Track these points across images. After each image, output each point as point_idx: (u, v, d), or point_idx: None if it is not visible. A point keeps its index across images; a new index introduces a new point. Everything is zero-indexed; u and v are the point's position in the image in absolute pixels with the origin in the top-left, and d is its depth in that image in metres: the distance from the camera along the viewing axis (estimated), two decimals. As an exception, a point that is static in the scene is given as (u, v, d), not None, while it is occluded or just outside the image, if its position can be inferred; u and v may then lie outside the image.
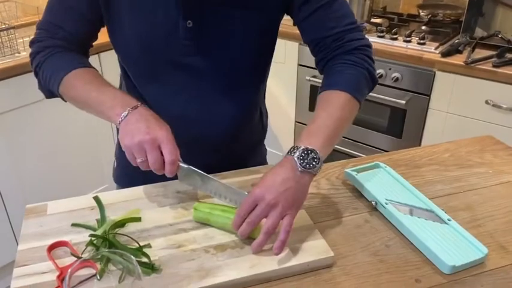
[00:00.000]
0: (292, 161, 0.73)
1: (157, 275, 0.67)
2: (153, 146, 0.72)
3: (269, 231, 0.69)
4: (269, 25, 0.90)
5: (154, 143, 0.72)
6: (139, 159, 0.73)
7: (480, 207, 0.86)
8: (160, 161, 0.73)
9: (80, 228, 0.76)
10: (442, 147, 1.08)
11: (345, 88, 0.82)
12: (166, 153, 0.72)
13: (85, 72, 0.85)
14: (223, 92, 0.91)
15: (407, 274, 0.71)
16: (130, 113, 0.75)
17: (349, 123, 0.82)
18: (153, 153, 0.72)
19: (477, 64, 1.66)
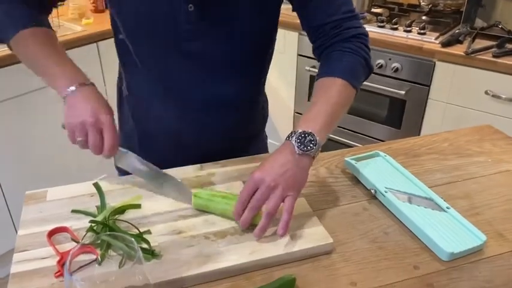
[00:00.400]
0: (290, 144, 0.74)
1: (157, 260, 0.67)
2: (95, 129, 0.74)
3: (271, 212, 0.69)
4: (271, 9, 0.89)
5: (96, 125, 0.74)
6: (80, 138, 0.74)
7: (479, 195, 0.87)
8: (99, 144, 0.75)
9: (79, 214, 0.76)
10: (441, 136, 1.08)
11: (342, 75, 0.82)
12: (107, 138, 0.74)
13: (40, 33, 0.83)
14: (224, 78, 0.90)
15: (405, 261, 0.71)
16: (78, 90, 0.76)
17: (346, 109, 0.84)
18: (94, 135, 0.74)
19: (477, 54, 1.66)
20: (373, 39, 1.89)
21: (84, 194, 0.81)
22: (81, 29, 1.88)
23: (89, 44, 1.86)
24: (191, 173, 0.88)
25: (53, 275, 0.65)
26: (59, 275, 0.65)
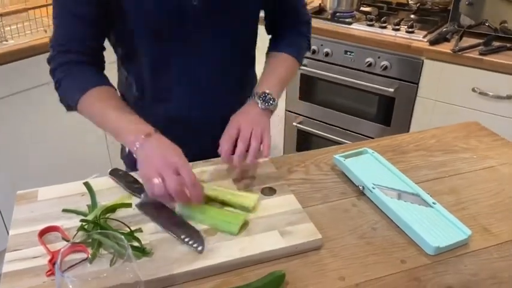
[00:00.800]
0: (254, 103, 0.93)
1: (148, 258, 0.68)
2: (171, 170, 0.72)
3: (246, 139, 0.85)
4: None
5: (171, 167, 0.72)
6: (156, 180, 0.71)
7: (464, 191, 0.89)
8: (178, 181, 0.71)
9: (71, 213, 0.77)
10: (429, 133, 1.10)
11: (292, 53, 1.05)
12: (186, 175, 0.72)
13: (101, 92, 0.87)
14: (225, 71, 0.98)
15: (393, 255, 0.73)
16: (145, 141, 0.76)
17: (293, 77, 1.08)
18: (171, 176, 0.71)
19: (464, 52, 1.68)
20: (362, 37, 1.91)
21: (75, 194, 0.82)
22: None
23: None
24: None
25: (45, 274, 0.65)
26: (50, 274, 0.65)
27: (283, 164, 0.97)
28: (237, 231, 0.73)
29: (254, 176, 0.89)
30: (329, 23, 2.03)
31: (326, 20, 2.05)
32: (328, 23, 2.03)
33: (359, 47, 1.94)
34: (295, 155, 1.01)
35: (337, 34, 1.97)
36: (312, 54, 2.06)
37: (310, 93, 2.19)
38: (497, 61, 1.66)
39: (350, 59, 1.98)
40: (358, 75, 1.98)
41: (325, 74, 2.06)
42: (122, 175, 0.85)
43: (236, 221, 0.74)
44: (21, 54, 1.72)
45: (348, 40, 1.95)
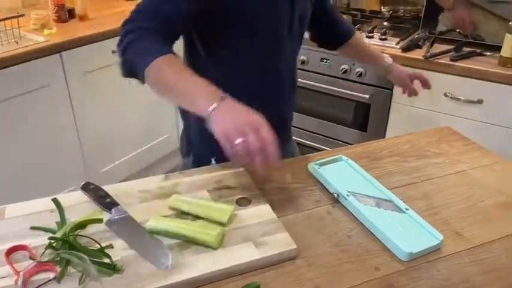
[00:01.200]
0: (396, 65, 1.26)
1: (119, 275, 0.66)
2: (254, 127, 0.73)
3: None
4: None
5: (254, 124, 0.73)
6: (240, 139, 0.72)
7: (436, 195, 0.90)
8: (262, 140, 0.72)
9: (39, 231, 0.74)
10: (403, 139, 1.12)
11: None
12: (266, 134, 0.73)
13: (175, 60, 0.87)
14: (293, 81, 1.14)
15: (367, 263, 0.73)
16: (220, 104, 0.77)
17: None
18: (254, 133, 0.72)
19: (436, 58, 1.72)
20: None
21: (44, 210, 0.79)
22: (44, 40, 1.84)
23: (52, 55, 1.82)
24: (154, 184, 0.88)
25: (11, 295, 0.63)
26: (17, 295, 0.63)
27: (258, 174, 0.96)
28: (214, 241, 0.71)
29: (229, 187, 0.88)
30: (304, 31, 2.05)
31: (301, 28, 2.07)
32: (303, 31, 2.05)
33: (334, 54, 1.96)
34: (270, 164, 1.01)
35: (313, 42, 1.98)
36: (288, 62, 2.07)
37: (288, 101, 2.19)
38: (468, 66, 1.70)
39: (326, 66, 2.00)
40: (334, 82, 2.01)
41: (302, 81, 2.07)
42: (94, 189, 0.83)
43: (213, 231, 0.73)
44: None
45: (323, 48, 1.97)
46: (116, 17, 2.14)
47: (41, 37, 1.88)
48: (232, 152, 0.74)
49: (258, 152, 0.72)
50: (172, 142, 2.53)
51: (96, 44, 1.95)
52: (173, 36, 0.94)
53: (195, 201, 0.81)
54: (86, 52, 1.93)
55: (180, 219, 0.77)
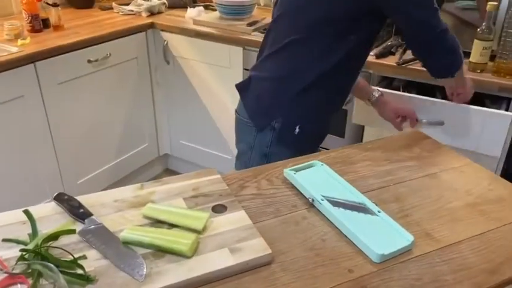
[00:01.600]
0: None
1: (92, 286, 0.66)
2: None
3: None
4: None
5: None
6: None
7: (408, 198, 0.92)
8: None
9: (11, 243, 0.73)
10: (376, 144, 1.14)
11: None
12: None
13: None
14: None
15: (341, 265, 0.74)
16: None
17: None
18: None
19: (408, 64, 1.76)
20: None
21: (16, 222, 0.78)
22: (17, 50, 1.82)
23: (26, 65, 1.80)
24: (129, 194, 0.87)
25: (-19, 310, 0.62)
26: (-13, 309, 0.62)
27: (235, 181, 0.97)
28: (188, 250, 0.72)
29: (206, 194, 0.89)
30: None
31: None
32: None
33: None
34: (246, 170, 1.02)
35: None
36: (265, 69, 2.09)
37: (266, 108, 2.21)
38: (439, 72, 1.74)
39: (302, 74, 2.02)
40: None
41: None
42: (67, 200, 0.83)
43: (187, 240, 0.73)
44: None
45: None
46: (91, 26, 2.13)
47: (15, 47, 1.85)
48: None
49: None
50: (151, 152, 2.52)
51: (71, 53, 1.93)
52: None
53: (170, 209, 0.81)
54: (61, 62, 1.91)
55: (154, 228, 0.77)
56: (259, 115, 1.26)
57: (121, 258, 0.70)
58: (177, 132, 2.57)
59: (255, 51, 2.09)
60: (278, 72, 1.23)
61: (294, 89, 1.20)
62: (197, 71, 2.32)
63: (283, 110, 1.22)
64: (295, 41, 1.18)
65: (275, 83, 1.23)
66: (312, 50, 1.18)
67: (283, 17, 1.23)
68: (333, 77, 1.20)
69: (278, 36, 1.23)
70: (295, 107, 1.21)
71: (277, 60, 1.23)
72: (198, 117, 2.45)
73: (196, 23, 2.28)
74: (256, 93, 1.27)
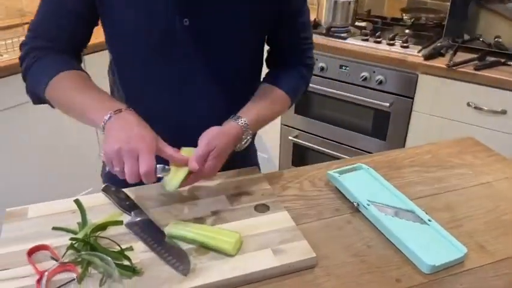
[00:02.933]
0: (239, 129, 0.84)
1: (138, 277, 0.66)
2: (131, 157, 0.70)
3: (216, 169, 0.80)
4: (263, 24, 0.92)
5: (132, 153, 0.70)
6: (117, 167, 0.71)
7: (460, 207, 0.88)
8: (136, 172, 0.70)
9: (61, 232, 0.75)
10: (424, 148, 1.10)
11: (292, 94, 0.98)
12: (142, 164, 0.69)
13: (72, 75, 0.83)
14: (216, 95, 0.92)
15: (388, 274, 0.72)
16: (114, 118, 0.74)
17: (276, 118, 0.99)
18: (130, 163, 0.69)
19: (459, 67, 1.69)
20: (357, 52, 1.92)
21: (66, 211, 0.80)
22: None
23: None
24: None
25: (32, 295, 0.64)
26: (38, 295, 0.64)
27: (277, 180, 0.96)
28: (232, 248, 0.71)
29: (248, 192, 0.88)
30: (324, 37, 2.04)
31: (321, 34, 2.07)
32: (323, 37, 2.05)
33: (354, 61, 1.95)
34: (289, 171, 1.01)
35: (332, 49, 1.98)
36: (307, 68, 2.07)
37: (306, 108, 2.19)
38: (492, 76, 1.67)
39: (345, 74, 1.99)
40: (353, 89, 1.99)
41: (321, 89, 2.06)
42: (114, 192, 0.84)
43: (230, 238, 0.72)
44: (15, 69, 1.69)
45: (343, 55, 1.96)
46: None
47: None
48: (113, 172, 0.72)
49: (131, 179, 0.70)
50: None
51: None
52: (75, 48, 0.89)
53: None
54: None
55: (198, 224, 0.77)
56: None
57: (166, 252, 0.70)
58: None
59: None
60: None
61: None
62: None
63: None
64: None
65: None
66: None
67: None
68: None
69: None
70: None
71: None
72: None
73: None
74: None
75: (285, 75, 0.99)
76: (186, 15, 0.83)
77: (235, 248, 0.72)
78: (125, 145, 0.70)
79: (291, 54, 1.00)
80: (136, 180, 0.70)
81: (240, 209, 0.83)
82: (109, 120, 0.73)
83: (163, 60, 0.87)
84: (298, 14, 0.96)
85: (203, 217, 0.81)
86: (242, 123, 0.85)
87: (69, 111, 0.83)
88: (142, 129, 0.74)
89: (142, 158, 0.70)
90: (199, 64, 0.88)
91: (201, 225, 0.77)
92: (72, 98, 0.80)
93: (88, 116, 0.77)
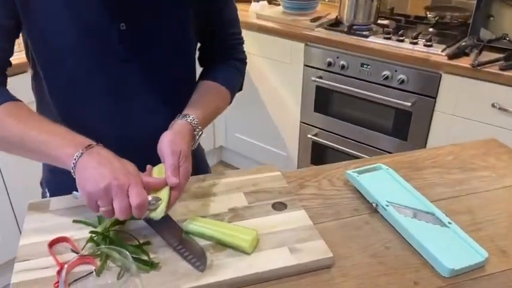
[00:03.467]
0: (190, 126, 0.82)
1: (156, 272, 0.67)
2: (122, 191, 0.65)
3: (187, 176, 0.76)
4: (197, 24, 0.91)
5: (123, 187, 0.65)
6: (105, 207, 0.66)
7: (481, 210, 0.86)
8: (128, 207, 0.66)
9: (81, 224, 0.77)
10: (446, 149, 1.08)
11: (231, 89, 0.98)
12: (135, 198, 0.65)
13: (17, 108, 0.75)
14: (154, 100, 0.89)
15: (406, 276, 0.71)
16: (87, 154, 0.68)
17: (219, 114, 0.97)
18: (121, 199, 0.65)
19: (484, 67, 1.65)
20: (379, 50, 1.89)
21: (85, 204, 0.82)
22: None
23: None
24: (192, 185, 0.88)
25: (53, 286, 0.65)
26: (58, 286, 0.65)
27: (295, 179, 0.95)
28: (249, 246, 0.71)
29: (266, 190, 0.88)
30: (345, 35, 2.02)
31: (342, 32, 2.05)
32: (344, 35, 2.03)
33: (376, 60, 1.92)
34: (307, 169, 1.00)
35: (354, 47, 1.96)
36: (327, 66, 2.05)
37: (326, 106, 2.17)
38: (518, 76, 1.62)
39: (366, 72, 1.96)
40: (374, 88, 1.97)
41: (341, 87, 2.04)
42: None
43: (247, 236, 0.72)
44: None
45: (365, 53, 1.94)
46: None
47: None
48: (96, 212, 0.68)
49: (123, 216, 0.66)
50: (207, 143, 2.54)
51: None
52: (2, 73, 0.81)
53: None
54: None
55: (216, 221, 0.78)
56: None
57: (184, 248, 0.71)
58: (233, 124, 2.60)
59: (317, 47, 2.06)
60: None
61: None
62: (257, 65, 2.32)
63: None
64: None
65: None
66: None
67: None
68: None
69: None
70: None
71: None
72: (255, 112, 2.46)
73: (260, 17, 2.28)
74: None
75: (223, 71, 0.99)
76: (123, 19, 0.80)
77: (252, 246, 0.72)
78: (113, 181, 0.65)
79: (222, 50, 1.00)
80: (127, 216, 0.67)
81: (257, 206, 0.83)
82: (81, 157, 0.68)
83: (99, 68, 0.82)
84: (224, 10, 0.96)
85: (220, 214, 0.81)
86: (191, 120, 0.82)
87: (19, 149, 0.74)
88: (122, 162, 0.69)
89: (133, 192, 0.66)
90: (138, 69, 0.85)
91: (218, 221, 0.77)
92: (24, 134, 0.72)
93: (51, 155, 0.70)
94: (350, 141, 2.17)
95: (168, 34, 0.86)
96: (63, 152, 0.69)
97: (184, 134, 0.80)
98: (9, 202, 1.82)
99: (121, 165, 0.69)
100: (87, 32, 0.79)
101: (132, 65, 0.84)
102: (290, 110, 2.33)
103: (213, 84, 0.95)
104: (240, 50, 1.03)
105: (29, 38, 0.81)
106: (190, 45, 0.93)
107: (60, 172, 0.74)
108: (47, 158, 0.73)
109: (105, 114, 0.87)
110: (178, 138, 0.78)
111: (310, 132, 2.28)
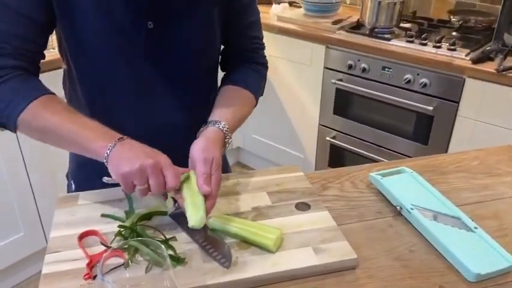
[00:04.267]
0: (223, 137, 0.83)
1: (181, 267, 0.68)
2: (157, 170, 0.69)
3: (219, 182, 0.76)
4: (222, 25, 0.92)
5: (157, 166, 0.69)
6: (141, 185, 0.70)
7: (508, 216, 0.85)
8: (163, 183, 0.70)
9: (109, 219, 0.78)
10: (471, 154, 1.07)
11: (253, 91, 0.97)
12: (170, 177, 0.70)
13: (53, 101, 0.79)
14: (174, 99, 0.91)
15: (431, 280, 0.70)
16: (119, 145, 0.72)
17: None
18: (157, 177, 0.69)
19: (509, 72, 1.62)
20: (401, 54, 1.88)
21: (114, 199, 0.83)
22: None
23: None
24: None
25: (82, 277, 0.67)
26: (88, 278, 0.67)
27: (317, 180, 0.96)
28: (273, 245, 0.72)
29: (289, 190, 0.88)
30: (367, 38, 2.02)
31: (364, 35, 2.04)
32: (366, 38, 2.02)
33: (397, 63, 1.91)
34: (329, 170, 1.00)
35: (375, 50, 1.95)
36: (348, 69, 2.05)
37: (345, 108, 2.17)
38: (544, 82, 1.59)
39: (388, 75, 1.95)
40: (395, 91, 1.95)
41: (362, 90, 2.04)
42: None
43: (272, 235, 0.73)
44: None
45: (386, 56, 1.93)
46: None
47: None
48: (131, 193, 0.71)
49: (158, 192, 0.70)
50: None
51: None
52: (34, 62, 0.82)
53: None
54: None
55: (240, 218, 0.78)
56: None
57: (209, 244, 0.72)
58: (250, 126, 2.61)
59: (337, 49, 2.06)
60: None
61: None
62: (277, 67, 2.33)
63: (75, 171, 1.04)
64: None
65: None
66: None
67: None
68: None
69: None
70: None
71: None
72: (273, 113, 2.47)
73: (280, 20, 2.29)
74: None
75: (246, 75, 0.98)
76: (150, 18, 0.82)
77: (276, 244, 0.72)
78: (146, 160, 0.69)
79: (243, 53, 0.99)
80: (162, 190, 0.71)
81: (281, 206, 0.84)
82: (114, 147, 0.72)
83: (126, 65, 0.85)
84: (247, 12, 0.95)
85: (244, 212, 0.82)
86: (222, 127, 0.83)
87: (53, 139, 0.78)
88: (152, 148, 0.74)
89: (168, 171, 0.70)
90: (162, 67, 0.87)
91: (243, 219, 0.78)
92: (61, 126, 0.75)
93: (83, 145, 0.74)
94: (369, 144, 2.15)
95: (194, 34, 0.87)
96: (97, 145, 0.73)
97: (216, 141, 0.80)
98: (33, 197, 1.86)
99: (151, 149, 0.73)
100: (116, 30, 0.82)
101: (157, 63, 0.86)
102: (309, 112, 2.33)
103: (239, 89, 0.95)
104: (261, 55, 1.03)
105: (63, 35, 0.84)
106: (214, 46, 0.94)
107: (86, 165, 0.78)
108: (81, 150, 0.76)
109: (130, 109, 0.89)
110: (211, 145, 0.79)
111: (329, 135, 2.27)
